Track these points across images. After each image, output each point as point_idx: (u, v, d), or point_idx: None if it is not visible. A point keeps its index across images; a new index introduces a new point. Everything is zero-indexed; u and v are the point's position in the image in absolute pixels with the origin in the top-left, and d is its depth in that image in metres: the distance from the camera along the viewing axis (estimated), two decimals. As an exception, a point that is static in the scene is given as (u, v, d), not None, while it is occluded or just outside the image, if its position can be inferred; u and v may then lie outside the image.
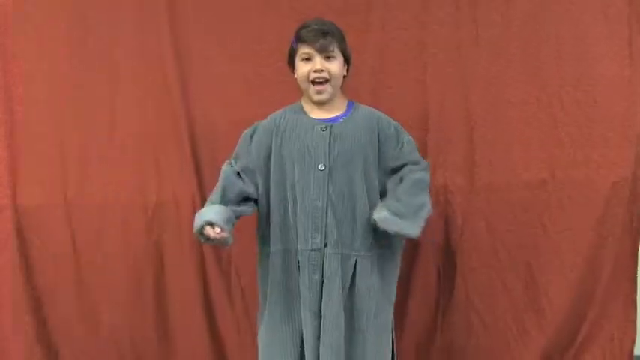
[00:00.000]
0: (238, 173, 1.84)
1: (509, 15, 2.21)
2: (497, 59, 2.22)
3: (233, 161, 1.90)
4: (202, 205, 2.16)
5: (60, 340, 2.24)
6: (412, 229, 1.74)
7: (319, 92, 1.80)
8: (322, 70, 1.79)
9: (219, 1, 2.24)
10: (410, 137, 1.91)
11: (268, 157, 1.84)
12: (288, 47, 1.83)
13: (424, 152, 2.13)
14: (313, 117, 1.84)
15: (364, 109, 1.89)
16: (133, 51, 2.22)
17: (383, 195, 1.84)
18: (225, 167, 1.87)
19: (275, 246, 1.84)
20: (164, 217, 2.22)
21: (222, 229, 1.70)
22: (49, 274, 2.23)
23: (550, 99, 2.22)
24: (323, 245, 1.77)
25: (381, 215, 1.73)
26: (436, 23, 2.22)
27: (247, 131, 1.89)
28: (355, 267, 1.79)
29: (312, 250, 1.77)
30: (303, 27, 1.81)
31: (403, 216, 1.74)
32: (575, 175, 2.20)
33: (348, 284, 1.79)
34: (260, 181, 1.84)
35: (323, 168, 1.78)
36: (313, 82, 1.80)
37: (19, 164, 2.24)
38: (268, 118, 1.89)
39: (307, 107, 1.87)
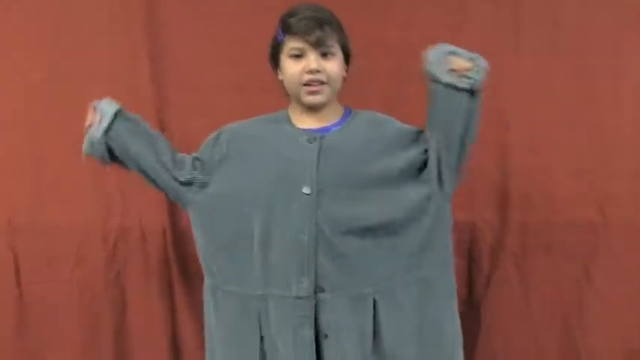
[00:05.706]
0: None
1: (558, 18, 1.90)
2: (539, 72, 1.91)
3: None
4: (174, 234, 1.88)
5: (-3, 393, 1.93)
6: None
7: (313, 93, 1.43)
8: (318, 71, 1.41)
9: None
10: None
11: (225, 169, 1.47)
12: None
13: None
14: (299, 127, 1.48)
15: (364, 115, 1.51)
16: (102, 55, 1.92)
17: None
18: None
19: (228, 286, 1.46)
20: (128, 246, 1.90)
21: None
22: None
23: (604, 120, 1.90)
24: (313, 291, 1.38)
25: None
26: (471, 23, 1.90)
27: (211, 135, 1.54)
28: (375, 309, 1.38)
29: (297, 297, 1.39)
30: (292, 14, 1.43)
31: None
32: (631, 214, 1.89)
33: (370, 337, 1.38)
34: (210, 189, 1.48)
35: (309, 192, 1.39)
36: (306, 86, 1.43)
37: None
38: (238, 123, 1.53)
39: (294, 116, 1.49)
